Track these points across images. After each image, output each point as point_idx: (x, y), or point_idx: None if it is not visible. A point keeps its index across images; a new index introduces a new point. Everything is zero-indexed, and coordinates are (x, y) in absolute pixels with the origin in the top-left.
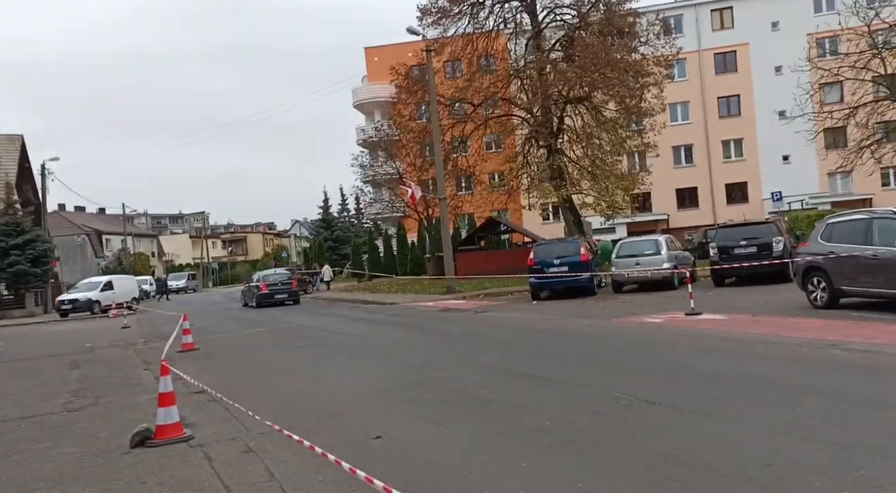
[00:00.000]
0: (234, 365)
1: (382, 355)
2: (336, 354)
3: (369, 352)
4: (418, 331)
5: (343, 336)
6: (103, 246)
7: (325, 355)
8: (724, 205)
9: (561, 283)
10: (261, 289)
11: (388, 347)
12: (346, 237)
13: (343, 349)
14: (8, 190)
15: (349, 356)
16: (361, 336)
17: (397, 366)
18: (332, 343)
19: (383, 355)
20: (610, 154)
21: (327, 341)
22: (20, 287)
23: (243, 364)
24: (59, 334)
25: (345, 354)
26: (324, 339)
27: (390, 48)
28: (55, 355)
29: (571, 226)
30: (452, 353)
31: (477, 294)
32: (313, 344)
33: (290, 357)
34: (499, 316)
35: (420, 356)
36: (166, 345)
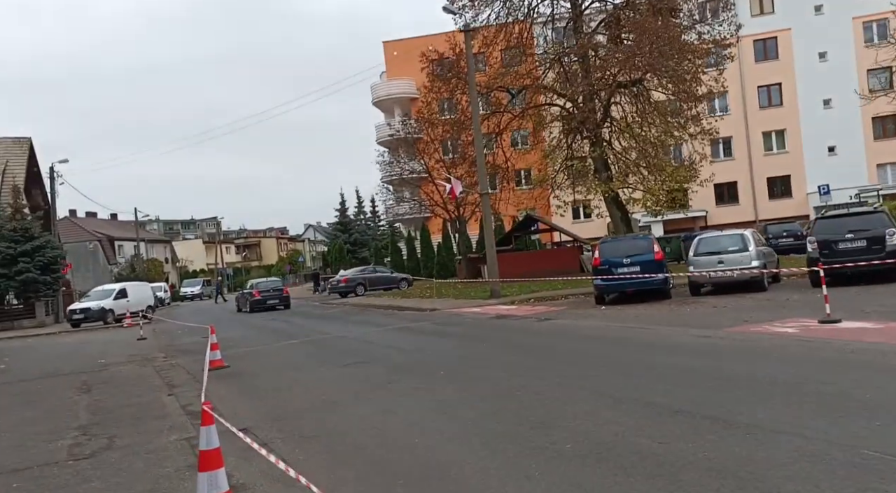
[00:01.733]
0: (275, 389)
1: (459, 377)
2: (397, 374)
3: (438, 372)
4: (486, 345)
5: (395, 351)
6: (116, 252)
7: (385, 376)
8: (766, 200)
9: (632, 284)
10: (254, 295)
11: (461, 365)
12: (364, 240)
13: (404, 368)
14: (15, 194)
15: (417, 379)
16: (418, 351)
17: (489, 395)
18: (385, 360)
19: (461, 378)
20: (662, 143)
21: (379, 357)
22: (30, 296)
23: (287, 388)
24: (69, 348)
25: (409, 375)
26: (374, 354)
27: (410, 42)
28: (64, 375)
29: (618, 223)
30: (551, 376)
31: (527, 298)
32: (364, 361)
33: (342, 379)
34: (572, 325)
35: (511, 381)
36: (205, 373)
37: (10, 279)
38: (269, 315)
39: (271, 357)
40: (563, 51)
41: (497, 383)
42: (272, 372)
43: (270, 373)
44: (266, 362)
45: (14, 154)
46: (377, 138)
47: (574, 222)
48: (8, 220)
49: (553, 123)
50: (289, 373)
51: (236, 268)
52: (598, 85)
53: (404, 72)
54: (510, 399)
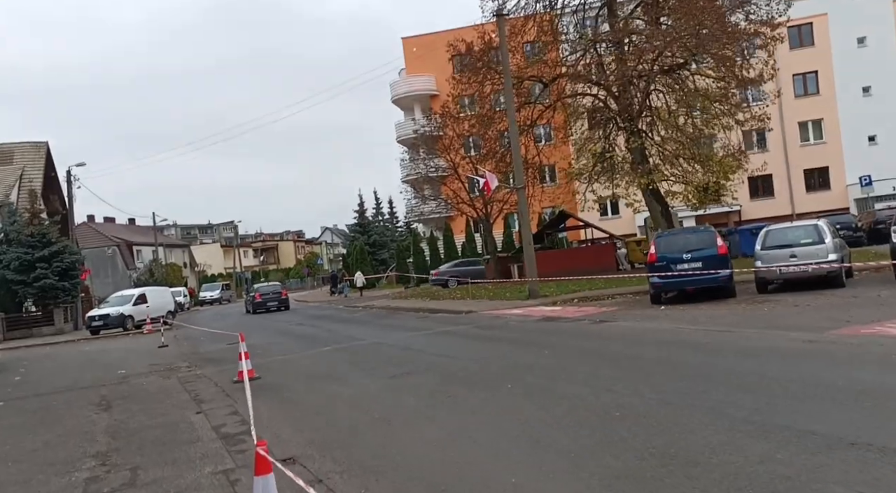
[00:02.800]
0: (318, 405)
1: (533, 391)
2: (456, 386)
3: (505, 385)
4: (547, 352)
5: (444, 359)
6: (134, 257)
7: (441, 388)
8: (803, 193)
9: (693, 282)
10: (255, 298)
11: (529, 376)
12: (383, 242)
13: (461, 380)
14: (32, 198)
15: (481, 392)
16: (471, 359)
17: (582, 416)
18: (436, 369)
19: (536, 393)
20: (706, 132)
21: (428, 366)
22: (48, 303)
23: (331, 404)
24: (88, 356)
25: (470, 387)
26: (420, 362)
27: (429, 38)
28: (81, 388)
29: (658, 217)
30: (646, 391)
31: (569, 298)
32: (411, 371)
33: (392, 392)
34: (636, 328)
35: (601, 397)
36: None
37: (27, 286)
38: (294, 319)
39: (306, 367)
40: (597, 37)
41: (583, 400)
42: (311, 385)
43: (309, 386)
44: (301, 373)
45: (31, 159)
46: (397, 137)
47: (601, 219)
48: (25, 225)
49: (585, 115)
50: (330, 386)
51: (254, 272)
52: (636, 72)
53: (424, 68)
54: (612, 423)
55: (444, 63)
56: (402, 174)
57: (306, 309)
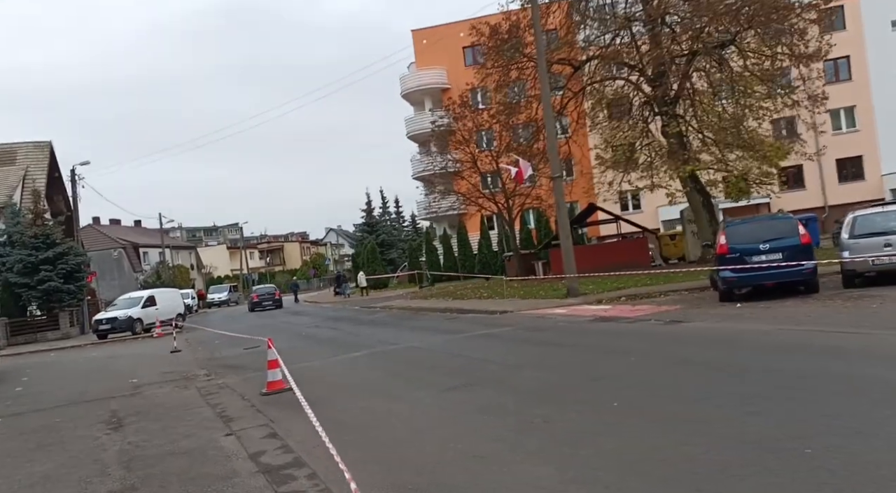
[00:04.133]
0: (373, 427)
1: (642, 409)
2: (539, 404)
3: (603, 402)
4: (629, 357)
5: (500, 367)
6: (141, 259)
7: (521, 406)
8: (836, 184)
9: (774, 276)
10: (253, 298)
11: (622, 389)
12: (392, 241)
13: (537, 394)
14: (35, 198)
15: (577, 413)
16: (534, 367)
17: (742, 452)
18: (497, 380)
19: (648, 412)
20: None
21: (486, 376)
22: (53, 306)
23: (390, 426)
24: (96, 363)
25: (560, 406)
26: (474, 371)
27: (441, 29)
28: (88, 401)
29: (699, 209)
30: (813, 416)
31: (615, 296)
32: (469, 382)
33: (461, 412)
34: (718, 329)
35: (749, 424)
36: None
37: (31, 289)
38: (311, 321)
39: (342, 376)
40: (630, 16)
41: (725, 426)
42: (354, 399)
43: (352, 400)
44: (338, 384)
45: (34, 158)
46: (408, 132)
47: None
48: (28, 226)
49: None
50: (376, 400)
51: (261, 273)
52: (675, 52)
53: (434, 61)
54: (797, 461)
55: (456, 55)
56: (414, 171)
57: (319, 310)
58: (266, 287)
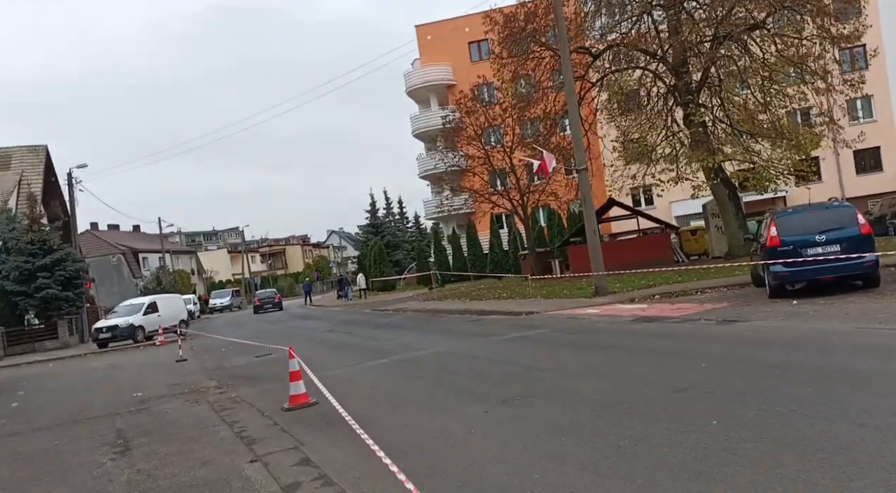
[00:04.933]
0: (420, 449)
1: (757, 430)
2: (621, 421)
3: (698, 417)
4: (700, 363)
5: (555, 374)
6: (140, 265)
7: (600, 424)
8: (853, 175)
9: (832, 270)
10: (255, 302)
11: (714, 402)
12: (397, 242)
13: (617, 408)
14: (31, 203)
15: (674, 432)
16: (594, 375)
17: None
18: (559, 391)
19: (766, 434)
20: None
21: (543, 386)
22: (51, 314)
23: (439, 446)
24: (97, 374)
25: (648, 423)
26: (528, 380)
27: (447, 24)
28: (91, 419)
29: (725, 202)
30: None
31: (648, 294)
32: (525, 393)
33: (528, 431)
34: (784, 329)
35: None
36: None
37: (28, 297)
38: (322, 325)
39: (372, 387)
40: (652, 1)
41: (878, 450)
42: (394, 414)
43: (392, 416)
44: (372, 396)
45: (30, 163)
46: (413, 130)
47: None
48: (24, 232)
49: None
50: (423, 416)
51: (263, 277)
52: (699, 37)
53: (439, 57)
54: None
55: (462, 51)
56: (420, 170)
57: (328, 314)
58: (267, 291)
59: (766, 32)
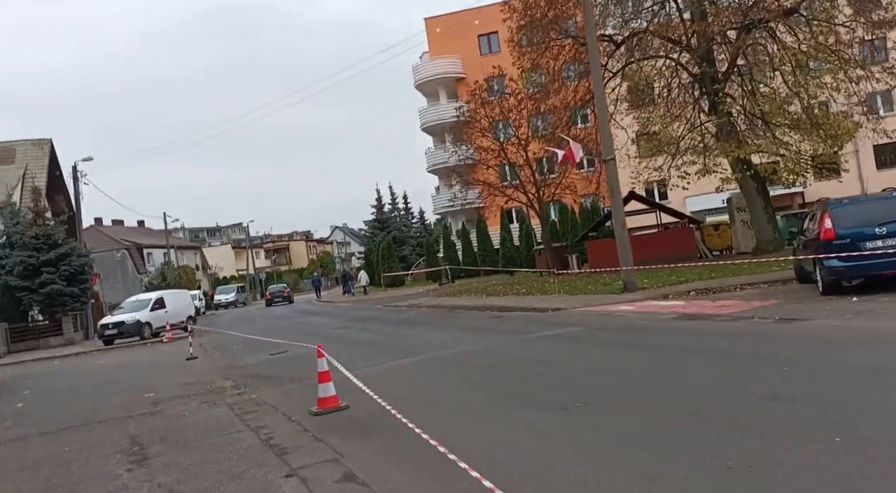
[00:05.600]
0: (480, 465)
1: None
2: (700, 433)
3: (800, 431)
4: (782, 367)
5: (614, 379)
6: (145, 261)
7: (667, 436)
8: (874, 171)
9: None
10: (267, 296)
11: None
12: (403, 238)
13: (698, 420)
14: (36, 196)
15: (800, 450)
16: (656, 379)
17: None
18: (624, 397)
19: None
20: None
21: (602, 392)
22: (56, 310)
23: (504, 462)
24: (104, 373)
25: (757, 440)
26: (580, 384)
27: (456, 17)
28: (101, 422)
29: (754, 196)
30: None
31: (682, 291)
32: (584, 400)
33: (593, 443)
34: (858, 329)
35: None
36: None
37: (33, 292)
38: (335, 322)
39: (405, 389)
40: None
41: None
42: (439, 421)
43: (437, 423)
44: (407, 399)
45: (34, 157)
46: (422, 124)
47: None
48: (29, 226)
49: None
50: (476, 424)
51: (267, 273)
52: (728, 25)
53: (449, 50)
54: None
55: (471, 44)
56: (428, 164)
57: (338, 310)
58: (278, 287)
59: (802, 18)
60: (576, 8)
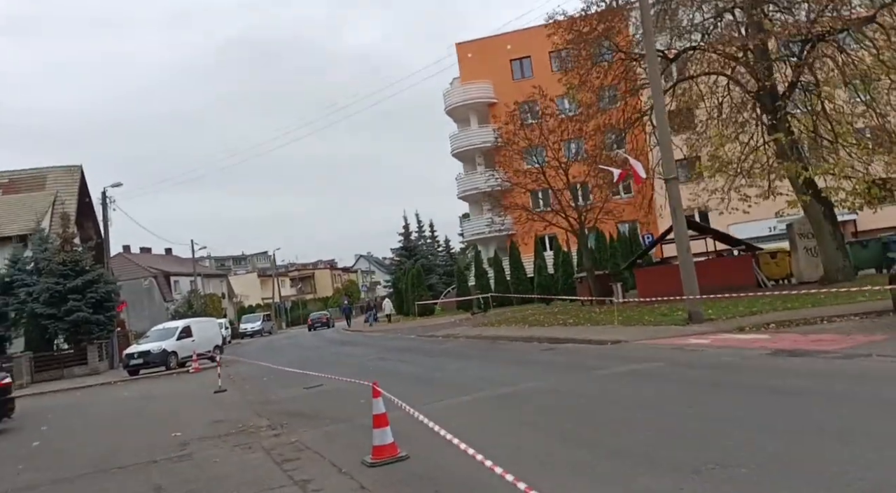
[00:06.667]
0: None
1: None
2: None
3: None
4: None
5: (739, 430)
6: (172, 288)
7: None
8: None
9: None
10: (308, 322)
11: None
12: (430, 266)
13: None
14: (64, 222)
15: None
16: (788, 431)
17: None
18: (772, 459)
19: None
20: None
21: (740, 450)
22: (81, 338)
23: None
24: (128, 406)
25: None
26: (704, 438)
27: (488, 41)
28: (122, 468)
29: (821, 221)
30: None
31: (760, 323)
32: (720, 461)
33: None
34: None
35: None
36: None
37: (58, 320)
38: (370, 352)
39: (470, 434)
40: None
41: None
42: (528, 480)
43: (529, 484)
44: (478, 448)
45: (64, 183)
46: (452, 150)
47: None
48: (56, 252)
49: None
50: (575, 487)
51: (293, 301)
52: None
53: (480, 75)
54: None
55: (504, 69)
56: (459, 190)
57: (370, 339)
58: (318, 313)
59: (880, 27)
60: (623, 22)
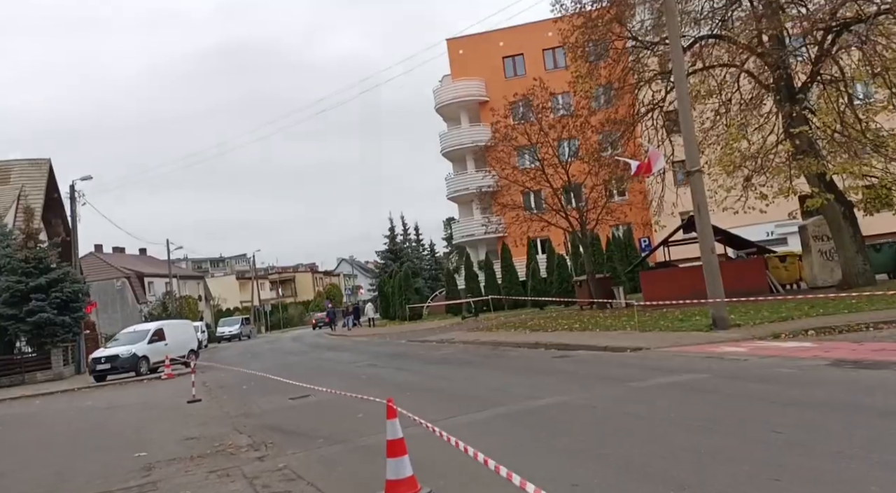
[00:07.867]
0: None
1: None
2: None
3: None
4: None
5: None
6: (146, 290)
7: None
8: None
9: None
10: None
11: None
12: (416, 269)
13: None
14: (28, 216)
15: None
16: None
17: None
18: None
19: None
20: None
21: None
22: (45, 341)
23: None
24: (89, 418)
25: None
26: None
27: (478, 38)
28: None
29: (840, 223)
30: None
31: (799, 329)
32: None
33: None
34: None
35: None
36: None
37: (20, 321)
38: (361, 358)
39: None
40: None
41: None
42: None
43: None
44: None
45: (30, 177)
46: (442, 150)
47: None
48: (19, 248)
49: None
50: None
51: (273, 305)
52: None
53: (471, 72)
54: None
55: (496, 66)
56: (449, 191)
57: (358, 345)
58: (319, 314)
59: None
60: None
